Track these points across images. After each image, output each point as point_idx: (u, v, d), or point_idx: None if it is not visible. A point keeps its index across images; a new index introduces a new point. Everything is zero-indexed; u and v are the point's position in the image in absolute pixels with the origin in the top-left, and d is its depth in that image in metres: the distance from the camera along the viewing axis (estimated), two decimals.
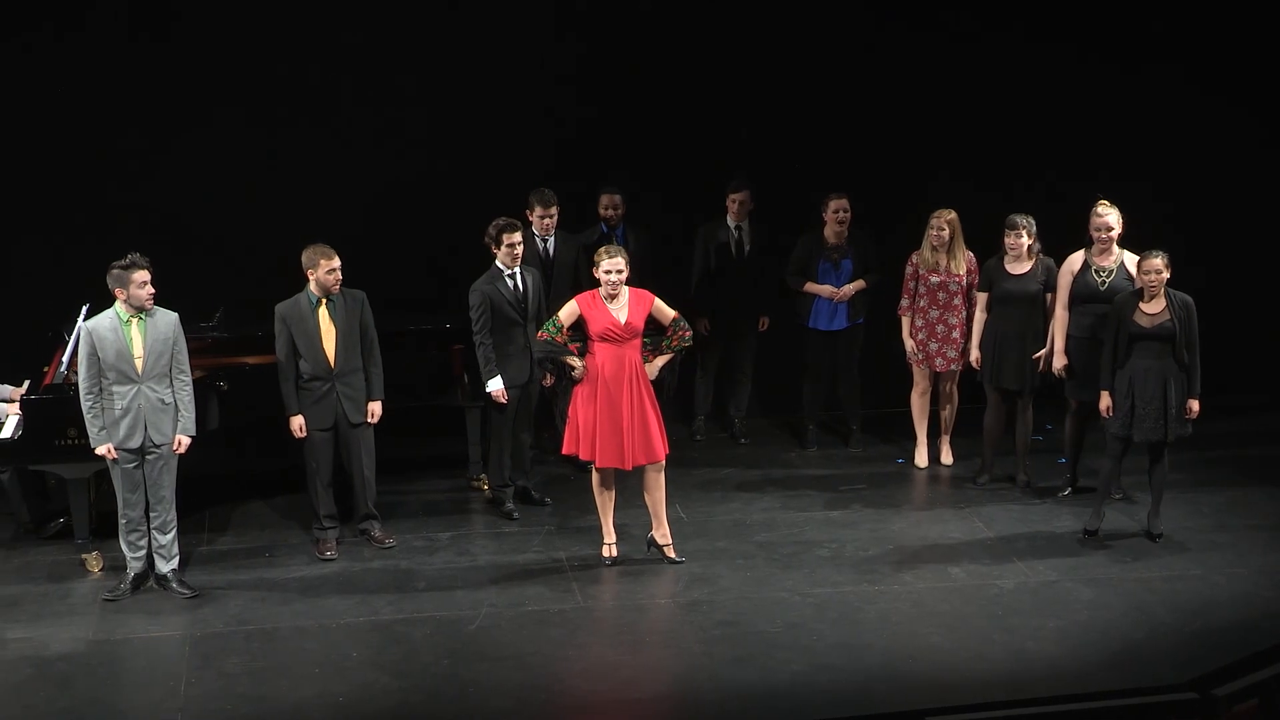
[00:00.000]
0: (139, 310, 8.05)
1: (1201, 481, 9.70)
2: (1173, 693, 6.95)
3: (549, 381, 9.24)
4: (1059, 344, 9.22)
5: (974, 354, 9.58)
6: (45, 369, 9.06)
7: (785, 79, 10.84)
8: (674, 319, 8.41)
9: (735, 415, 10.78)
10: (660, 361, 8.46)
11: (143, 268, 8.04)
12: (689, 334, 8.48)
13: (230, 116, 10.31)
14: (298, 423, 8.65)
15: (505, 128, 10.57)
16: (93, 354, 8.04)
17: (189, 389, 8.21)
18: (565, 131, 10.64)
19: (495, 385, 9.00)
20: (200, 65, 10.19)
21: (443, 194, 10.41)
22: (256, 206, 10.28)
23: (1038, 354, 9.33)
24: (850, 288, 10.11)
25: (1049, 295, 9.31)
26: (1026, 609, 8.05)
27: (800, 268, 10.19)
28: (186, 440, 8.19)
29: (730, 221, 10.34)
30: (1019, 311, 9.36)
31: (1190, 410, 8.64)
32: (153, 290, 8.06)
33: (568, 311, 8.40)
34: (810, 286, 10.15)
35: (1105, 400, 8.73)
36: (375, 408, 8.76)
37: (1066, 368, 9.21)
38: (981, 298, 9.51)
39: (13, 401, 8.68)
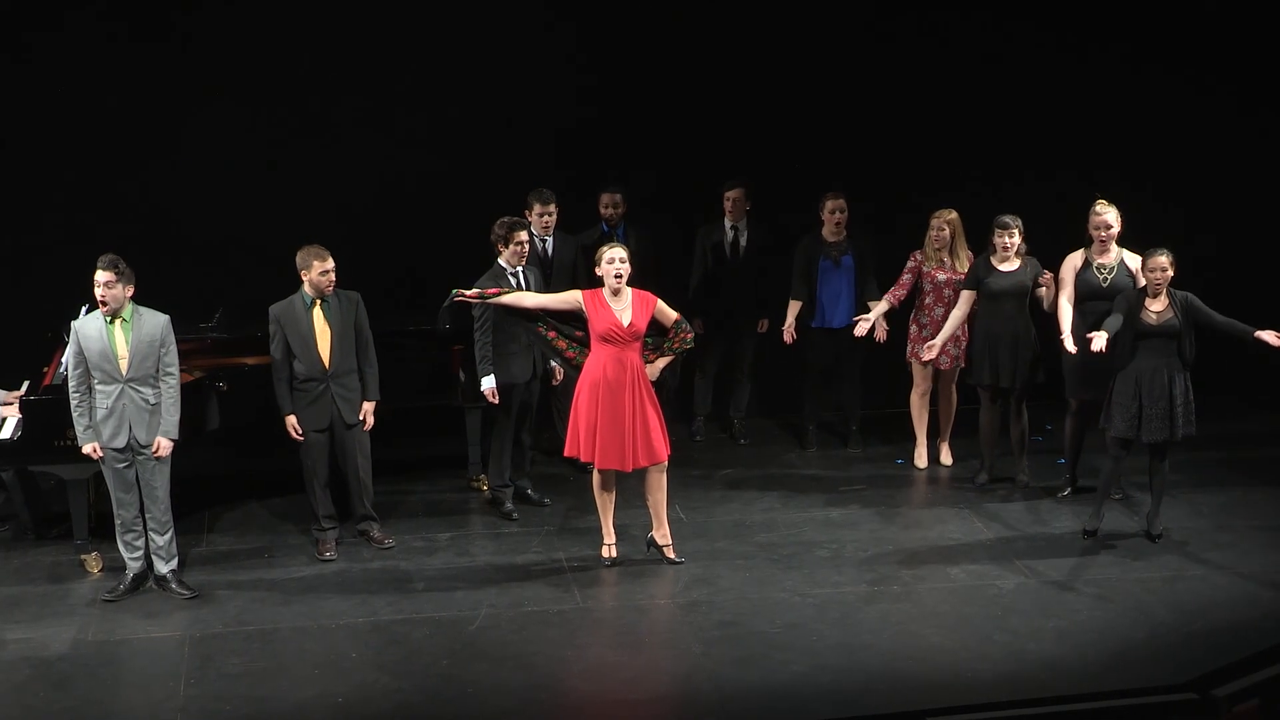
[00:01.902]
0: (113, 311, 8.03)
1: (1201, 482, 9.70)
2: (1173, 693, 6.96)
3: (558, 379, 9.26)
4: (1065, 328, 9.07)
5: (931, 353, 9.47)
6: (45, 369, 9.06)
7: (783, 79, 10.85)
8: (676, 321, 8.41)
9: (735, 416, 10.77)
10: (661, 363, 8.46)
11: (102, 267, 7.97)
12: (690, 336, 8.48)
13: (229, 117, 10.31)
14: (292, 422, 8.64)
15: (503, 128, 10.57)
16: (79, 353, 8.04)
17: (174, 392, 8.17)
18: (564, 132, 10.63)
19: (488, 384, 8.99)
20: (199, 65, 10.20)
21: (440, 194, 10.42)
22: (256, 207, 10.28)
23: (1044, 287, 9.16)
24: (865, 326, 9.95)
25: (1041, 288, 9.26)
26: (1026, 609, 8.05)
27: (803, 275, 10.15)
28: (167, 443, 8.15)
29: (727, 221, 10.34)
30: (1009, 310, 9.35)
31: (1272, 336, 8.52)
32: (114, 292, 7.94)
33: (568, 296, 8.42)
34: (788, 323, 10.11)
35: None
36: (369, 409, 8.75)
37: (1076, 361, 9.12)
38: (967, 295, 9.47)
39: (10, 404, 8.67)
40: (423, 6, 10.47)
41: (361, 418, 8.72)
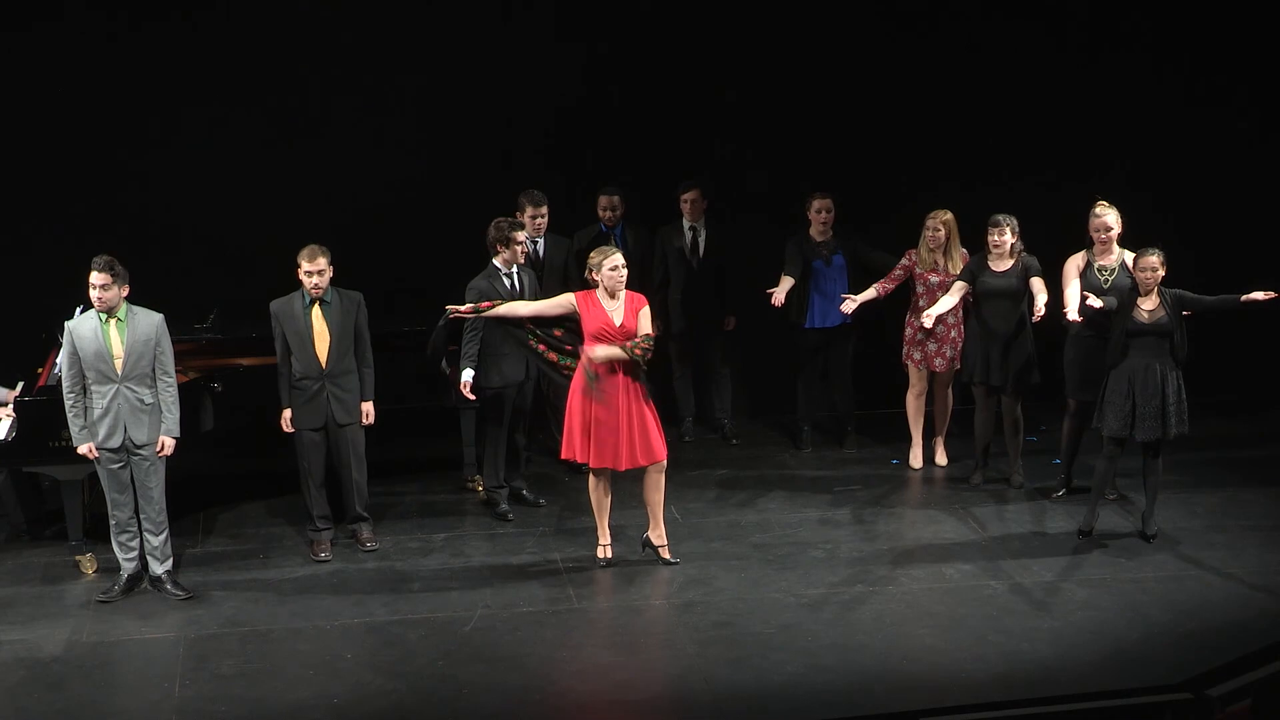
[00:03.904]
0: (107, 312, 8.02)
1: (1196, 482, 9.70)
2: (1167, 693, 6.98)
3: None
4: (1071, 304, 8.89)
5: (928, 320, 9.43)
6: (39, 370, 9.06)
7: (774, 78, 10.85)
8: (646, 334, 8.29)
9: (723, 416, 10.76)
10: (607, 352, 8.26)
11: (97, 269, 7.96)
12: (649, 353, 8.28)
13: (225, 117, 10.30)
14: (286, 416, 8.65)
15: (496, 128, 10.57)
16: (73, 353, 8.04)
17: (172, 390, 8.18)
18: (558, 133, 10.64)
19: (466, 376, 8.98)
20: (194, 64, 10.19)
21: (435, 195, 10.42)
22: (251, 208, 10.28)
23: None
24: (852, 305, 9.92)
25: (1034, 280, 9.25)
26: (1021, 609, 8.06)
27: (794, 259, 10.01)
28: (170, 442, 8.17)
29: (685, 222, 10.33)
30: (1002, 308, 9.35)
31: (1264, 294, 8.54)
32: (109, 294, 7.94)
33: (561, 299, 8.40)
34: (779, 288, 9.90)
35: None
36: (368, 408, 8.75)
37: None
38: (961, 286, 9.46)
39: (6, 404, 8.67)
40: (418, 8, 10.46)
41: (362, 419, 8.71)
